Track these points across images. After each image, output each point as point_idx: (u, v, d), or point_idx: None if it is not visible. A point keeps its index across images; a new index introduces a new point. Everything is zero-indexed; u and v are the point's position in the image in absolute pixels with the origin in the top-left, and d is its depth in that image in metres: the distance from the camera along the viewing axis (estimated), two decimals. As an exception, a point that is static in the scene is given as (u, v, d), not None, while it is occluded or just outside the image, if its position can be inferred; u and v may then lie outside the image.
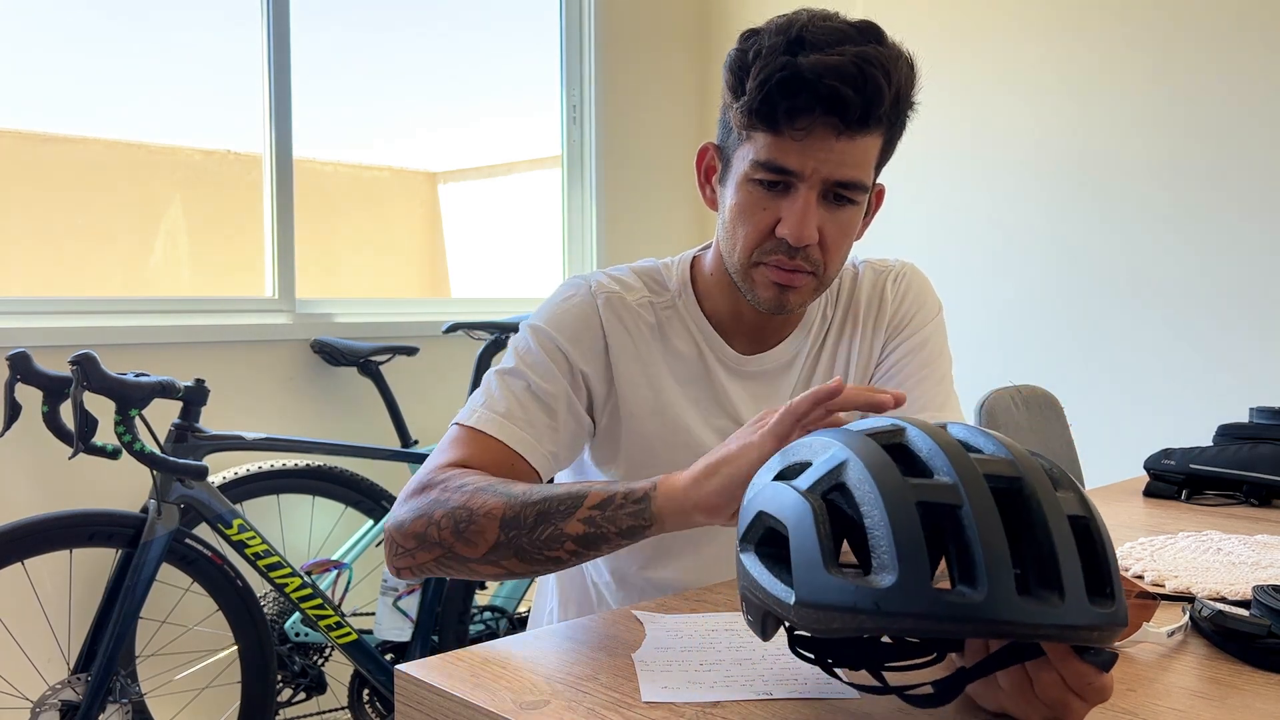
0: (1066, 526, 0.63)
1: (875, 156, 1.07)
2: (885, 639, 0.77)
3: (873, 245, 3.35)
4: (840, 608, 0.61)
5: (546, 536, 0.90)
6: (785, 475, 0.71)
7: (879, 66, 1.00)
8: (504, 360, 1.15)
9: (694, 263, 1.22)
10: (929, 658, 0.75)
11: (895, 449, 0.67)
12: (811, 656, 0.75)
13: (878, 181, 1.14)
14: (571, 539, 0.90)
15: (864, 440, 0.67)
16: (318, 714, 2.50)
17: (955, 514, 0.62)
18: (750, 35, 1.05)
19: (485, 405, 1.09)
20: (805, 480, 0.68)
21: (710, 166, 1.15)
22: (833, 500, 0.66)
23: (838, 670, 0.76)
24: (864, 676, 0.76)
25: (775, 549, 0.68)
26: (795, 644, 0.75)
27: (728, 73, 1.07)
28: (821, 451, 0.69)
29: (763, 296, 1.11)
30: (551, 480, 1.15)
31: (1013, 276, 2.91)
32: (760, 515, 0.69)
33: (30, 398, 1.91)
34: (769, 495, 0.69)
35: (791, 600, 0.64)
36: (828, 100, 0.99)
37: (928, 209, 3.06)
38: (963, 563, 0.61)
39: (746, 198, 1.07)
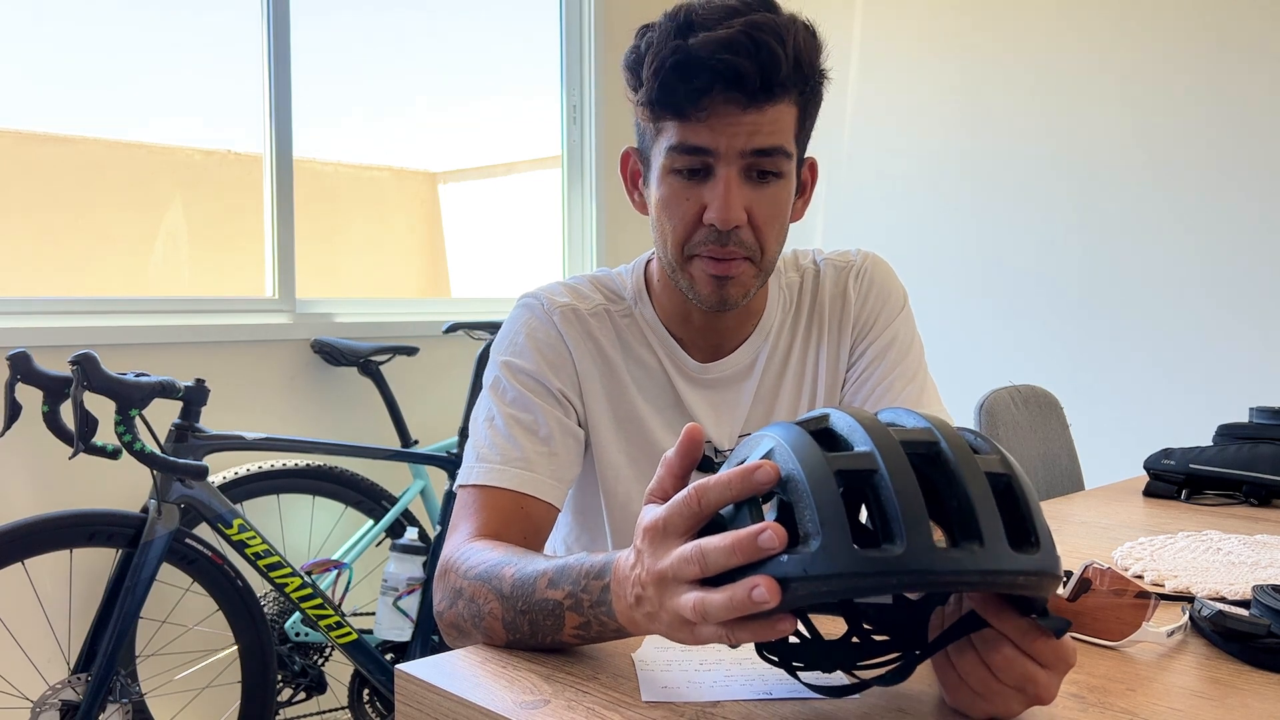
0: (984, 481, 0.65)
1: (791, 125, 1.04)
2: (854, 639, 0.78)
3: (874, 245, 3.36)
4: (775, 580, 0.62)
5: (551, 644, 0.85)
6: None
7: (770, 33, 0.98)
8: (482, 405, 1.13)
9: (647, 268, 1.20)
10: (893, 656, 0.76)
11: (820, 433, 0.69)
12: (776, 660, 0.76)
13: (808, 157, 1.12)
14: (574, 644, 0.85)
15: (790, 428, 0.69)
16: (318, 714, 2.50)
17: (872, 479, 0.64)
18: (643, 30, 1.04)
19: (479, 459, 1.07)
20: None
21: (634, 171, 1.13)
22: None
23: (801, 674, 0.77)
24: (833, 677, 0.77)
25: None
26: (761, 649, 0.76)
27: (625, 71, 1.06)
28: (755, 445, 0.70)
29: (703, 293, 1.08)
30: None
31: (1013, 276, 2.91)
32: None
33: (30, 398, 1.91)
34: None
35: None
36: (725, 75, 0.98)
37: (928, 209, 3.06)
38: (883, 521, 0.63)
39: (669, 190, 1.05)
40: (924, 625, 0.75)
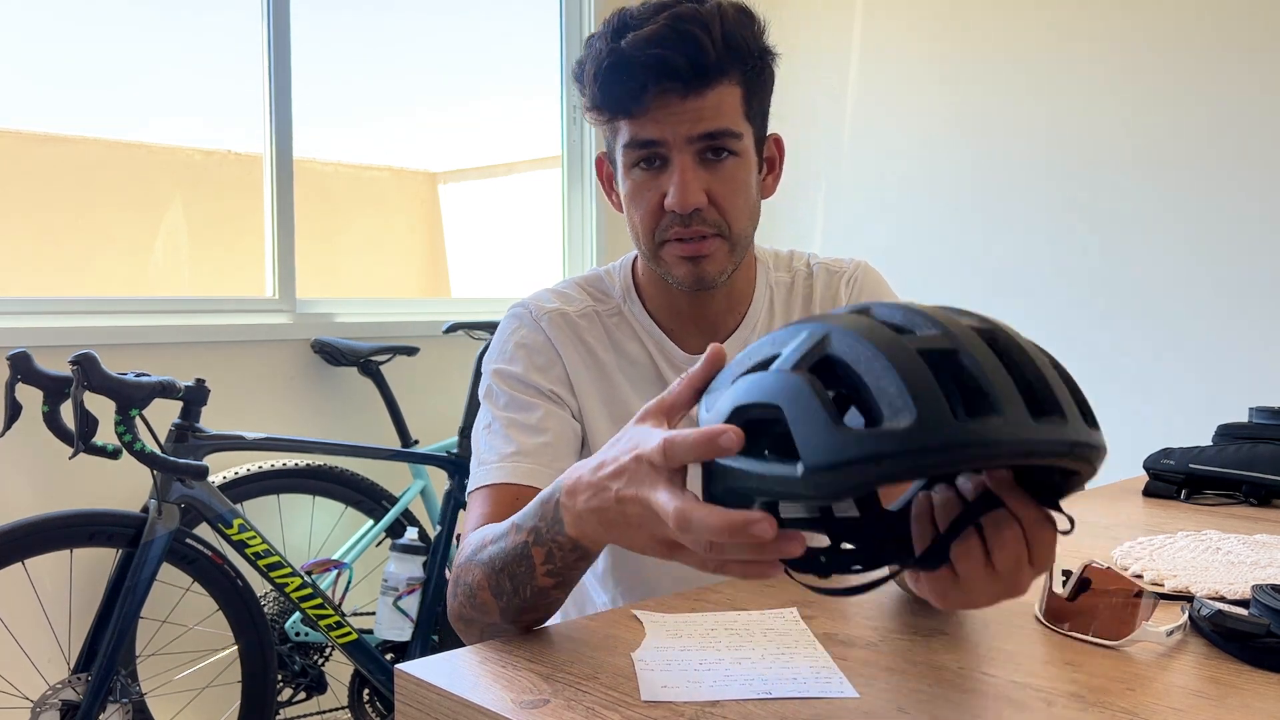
0: (1047, 360, 0.66)
1: (737, 105, 1.07)
2: (841, 548, 0.77)
3: (874, 246, 3.36)
4: (861, 459, 0.60)
5: (531, 596, 0.88)
6: (754, 371, 0.69)
7: (694, 22, 1.02)
8: (480, 417, 1.16)
9: (634, 265, 1.23)
10: (884, 571, 0.76)
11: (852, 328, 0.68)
12: (805, 568, 0.74)
13: (772, 134, 1.16)
14: (551, 589, 0.87)
15: (837, 315, 0.67)
16: (318, 714, 2.51)
17: (954, 357, 0.63)
18: (589, 40, 1.09)
19: (479, 464, 1.11)
20: (785, 361, 0.66)
21: (608, 174, 1.18)
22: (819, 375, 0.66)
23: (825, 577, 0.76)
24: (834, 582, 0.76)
25: (758, 444, 0.67)
26: (790, 567, 0.73)
27: (574, 81, 1.12)
28: (791, 338, 0.68)
29: (679, 274, 1.11)
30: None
31: (1012, 276, 2.91)
32: (736, 411, 0.67)
33: (30, 398, 1.91)
34: (743, 389, 0.68)
35: (799, 471, 0.62)
36: (656, 69, 1.02)
37: (928, 210, 3.06)
38: (972, 398, 0.62)
39: (632, 184, 1.10)
40: (899, 536, 0.74)
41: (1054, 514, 0.70)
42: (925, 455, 0.59)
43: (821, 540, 0.76)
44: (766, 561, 0.67)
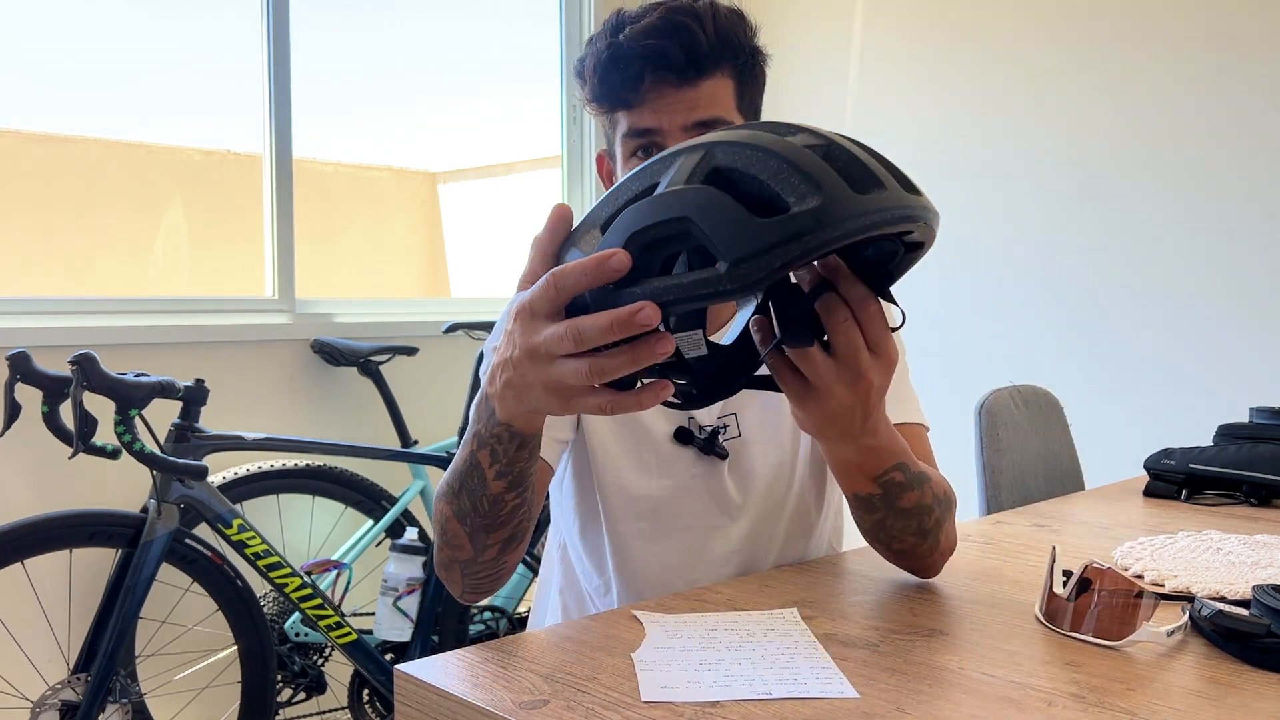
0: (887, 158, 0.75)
1: (729, 98, 1.11)
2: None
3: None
4: (783, 241, 0.65)
5: (489, 507, 0.91)
6: (632, 201, 0.72)
7: (687, 15, 1.08)
8: (478, 396, 1.17)
9: None
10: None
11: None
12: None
13: None
14: (504, 493, 0.90)
15: (705, 138, 0.71)
16: (318, 714, 2.51)
17: (830, 149, 0.69)
18: (589, 40, 1.14)
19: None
20: (671, 183, 0.69)
21: (609, 171, 1.21)
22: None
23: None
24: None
25: (660, 257, 0.70)
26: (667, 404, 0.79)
27: (575, 77, 1.17)
28: (666, 167, 0.71)
29: None
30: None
31: (1013, 276, 2.91)
32: (634, 236, 0.69)
33: (30, 398, 1.91)
34: (634, 216, 0.69)
35: (723, 269, 0.66)
36: (651, 59, 1.07)
37: (928, 209, 3.06)
38: (858, 179, 0.68)
39: None
40: (744, 361, 0.84)
41: (885, 304, 0.80)
42: (839, 225, 0.66)
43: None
44: (657, 388, 0.72)
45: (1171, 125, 2.63)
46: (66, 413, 1.87)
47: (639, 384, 0.76)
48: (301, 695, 2.37)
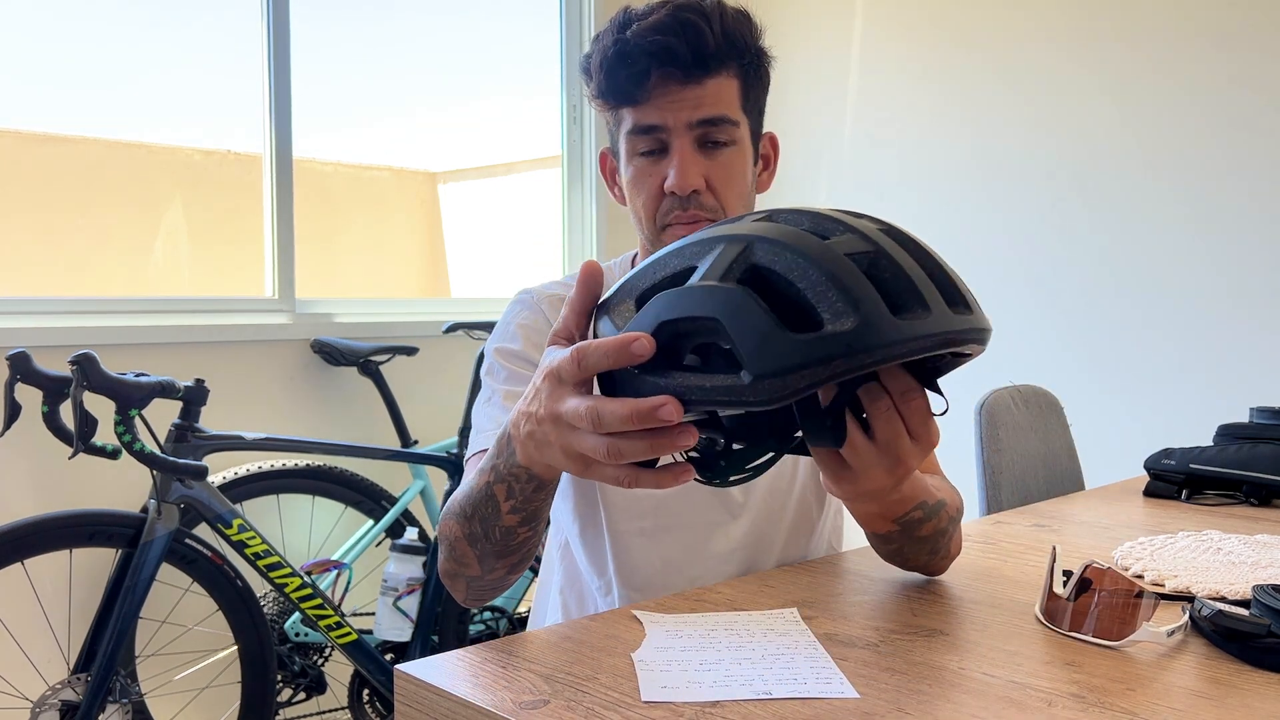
0: (940, 259, 0.71)
1: (734, 97, 1.12)
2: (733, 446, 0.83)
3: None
4: (810, 364, 0.63)
5: (501, 536, 0.91)
6: (665, 286, 0.71)
7: (694, 12, 1.08)
8: (481, 393, 1.19)
9: (634, 262, 1.26)
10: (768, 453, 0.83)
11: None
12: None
13: (767, 132, 1.21)
14: (518, 526, 0.91)
15: (751, 224, 0.69)
16: (318, 714, 2.51)
17: (876, 259, 0.67)
18: (595, 38, 1.14)
19: (477, 432, 1.14)
20: (708, 275, 0.67)
21: (612, 169, 1.22)
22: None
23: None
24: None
25: (674, 351, 0.69)
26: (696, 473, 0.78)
27: (581, 73, 1.16)
28: (706, 251, 0.69)
29: None
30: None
31: (1013, 276, 2.91)
32: (664, 325, 0.68)
33: (30, 398, 1.91)
34: (666, 304, 0.68)
35: (746, 379, 0.64)
36: (658, 55, 1.07)
37: (929, 209, 3.06)
38: (900, 295, 0.66)
39: (635, 171, 1.14)
40: (782, 425, 0.81)
41: (931, 394, 0.78)
42: (872, 353, 0.63)
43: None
44: (678, 470, 0.71)
45: (1172, 126, 2.63)
46: (66, 413, 1.87)
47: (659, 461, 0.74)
48: (301, 695, 2.37)
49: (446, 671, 0.81)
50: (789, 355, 0.63)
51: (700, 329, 0.67)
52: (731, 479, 0.82)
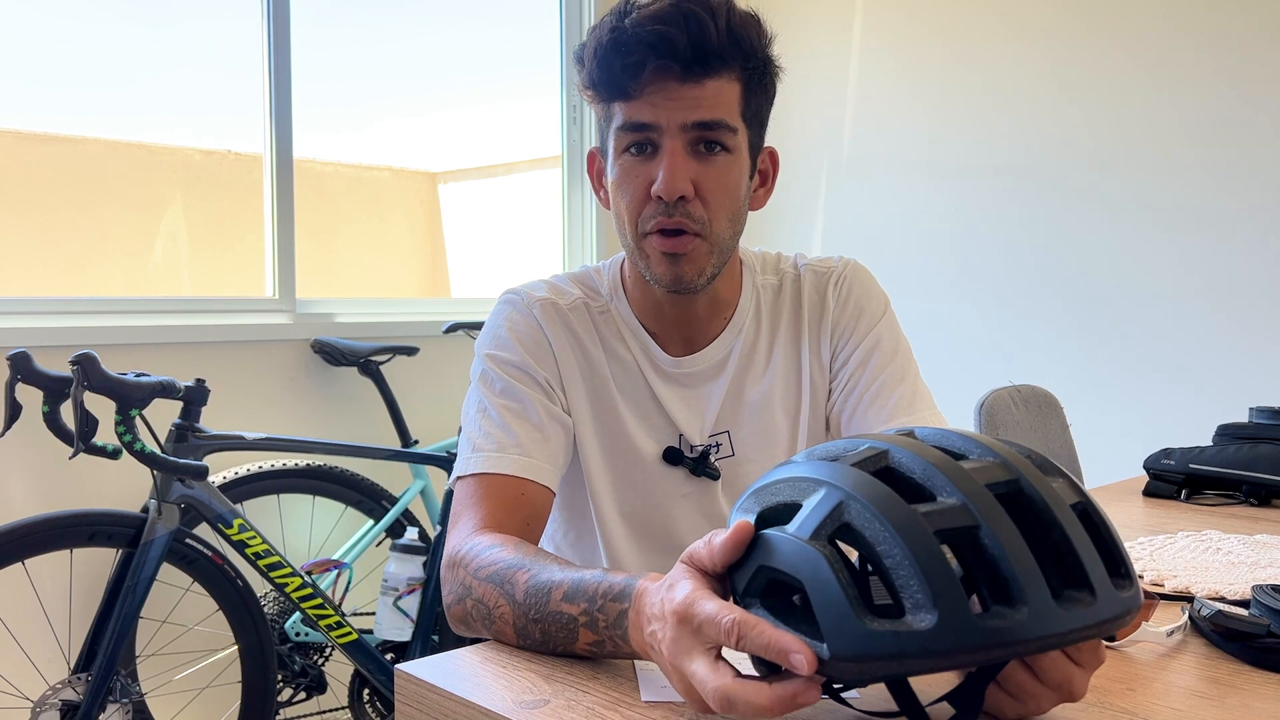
0: (1074, 518, 0.63)
1: (734, 101, 1.06)
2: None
3: (875, 247, 3.35)
4: (883, 656, 0.59)
5: (561, 650, 0.84)
6: (772, 519, 0.67)
7: (699, 4, 1.01)
8: (472, 398, 1.15)
9: (623, 265, 1.22)
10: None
11: (884, 474, 0.65)
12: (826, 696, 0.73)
13: (767, 146, 1.14)
14: (583, 654, 0.84)
15: (852, 473, 0.64)
16: (318, 714, 2.51)
17: (974, 535, 0.61)
18: (593, 28, 1.08)
19: (475, 449, 1.09)
20: (804, 526, 0.64)
21: (599, 169, 1.16)
22: (840, 543, 0.64)
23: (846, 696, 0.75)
24: (875, 700, 0.75)
25: (782, 600, 0.66)
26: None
27: (575, 63, 1.09)
28: (810, 491, 0.65)
29: (658, 271, 1.09)
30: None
31: (1013, 276, 2.91)
32: (761, 569, 0.66)
33: (30, 398, 1.91)
34: (765, 547, 0.66)
35: (826, 655, 0.61)
36: (657, 47, 1.01)
37: (929, 209, 3.06)
38: (994, 584, 0.60)
39: (622, 171, 1.08)
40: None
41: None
42: (949, 657, 0.59)
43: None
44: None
45: (1175, 126, 2.63)
46: (67, 413, 1.87)
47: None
48: (302, 695, 2.37)
49: (447, 671, 0.81)
50: (863, 642, 0.59)
51: (791, 584, 0.64)
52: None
